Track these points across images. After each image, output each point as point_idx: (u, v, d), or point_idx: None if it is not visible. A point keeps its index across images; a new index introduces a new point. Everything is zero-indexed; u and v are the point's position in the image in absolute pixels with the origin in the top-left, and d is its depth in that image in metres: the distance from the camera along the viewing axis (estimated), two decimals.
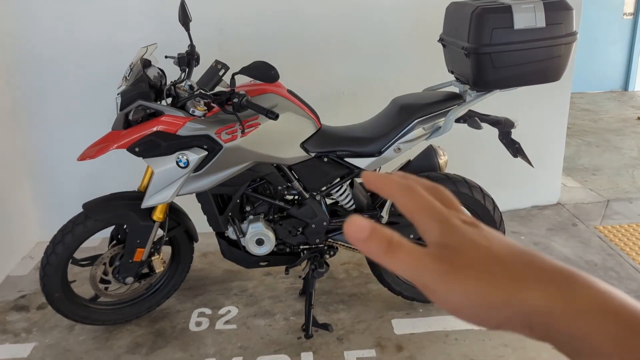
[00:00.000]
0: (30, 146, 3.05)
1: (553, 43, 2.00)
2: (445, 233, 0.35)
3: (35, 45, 2.88)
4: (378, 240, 0.35)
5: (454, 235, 0.35)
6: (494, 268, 0.33)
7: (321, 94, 2.94)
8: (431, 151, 2.36)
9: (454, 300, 0.33)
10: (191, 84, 2.05)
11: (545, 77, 2.09)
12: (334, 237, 2.33)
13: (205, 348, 2.27)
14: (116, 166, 2.93)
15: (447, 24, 2.29)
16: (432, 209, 0.37)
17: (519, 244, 0.35)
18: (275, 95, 2.11)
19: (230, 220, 2.25)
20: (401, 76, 3.13)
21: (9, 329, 2.42)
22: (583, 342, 0.31)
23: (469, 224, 0.36)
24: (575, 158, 4.56)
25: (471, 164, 3.20)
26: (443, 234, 0.35)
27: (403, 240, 0.35)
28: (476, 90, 2.16)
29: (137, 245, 2.20)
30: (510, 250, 0.34)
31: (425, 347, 2.24)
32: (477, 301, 0.32)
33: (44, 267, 2.17)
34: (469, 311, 0.33)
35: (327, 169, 2.23)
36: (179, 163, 2.01)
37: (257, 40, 2.98)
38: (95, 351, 2.26)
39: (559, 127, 3.45)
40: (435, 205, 0.37)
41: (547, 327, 0.31)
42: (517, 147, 2.26)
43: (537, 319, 0.31)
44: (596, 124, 5.62)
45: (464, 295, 0.33)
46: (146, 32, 2.86)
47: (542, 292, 0.32)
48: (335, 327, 2.36)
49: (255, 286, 2.72)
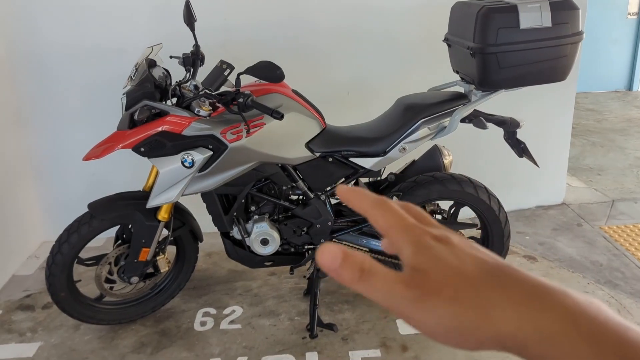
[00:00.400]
0: (35, 146, 3.05)
1: (559, 43, 2.00)
2: (417, 254, 0.35)
3: (40, 45, 2.88)
4: (350, 268, 0.34)
5: (425, 256, 0.35)
6: (464, 292, 0.33)
7: (326, 93, 2.93)
8: (436, 151, 2.35)
9: (428, 326, 0.33)
10: (196, 84, 2.05)
11: (551, 77, 2.09)
12: (339, 237, 2.33)
13: (210, 348, 2.27)
14: (121, 166, 2.94)
15: (452, 23, 2.29)
16: (404, 226, 0.37)
17: (492, 259, 0.35)
18: (281, 95, 2.11)
19: (235, 220, 2.25)
20: (406, 76, 3.12)
21: (15, 328, 2.43)
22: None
23: (441, 241, 0.36)
24: (580, 158, 4.55)
25: (476, 164, 3.19)
26: (415, 255, 0.35)
27: (375, 265, 0.35)
28: (481, 90, 2.16)
29: (142, 244, 2.20)
30: (481, 268, 0.34)
31: (431, 347, 2.24)
32: (449, 327, 0.32)
33: (49, 267, 2.17)
34: (444, 336, 0.33)
35: (332, 169, 2.23)
36: (184, 163, 2.01)
37: (262, 40, 2.98)
38: (101, 350, 2.26)
39: (564, 127, 3.44)
40: (408, 221, 0.37)
41: (520, 349, 0.31)
42: (522, 147, 2.26)
43: (510, 342, 0.31)
44: (600, 124, 5.61)
45: (436, 321, 0.33)
46: (151, 32, 2.86)
47: (512, 315, 0.31)
48: (340, 327, 2.36)
49: (260, 286, 2.72)
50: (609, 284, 2.69)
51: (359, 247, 2.34)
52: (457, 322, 0.32)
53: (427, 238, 0.36)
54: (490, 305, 0.32)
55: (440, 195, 2.27)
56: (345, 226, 2.33)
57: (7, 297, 2.67)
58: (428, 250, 0.35)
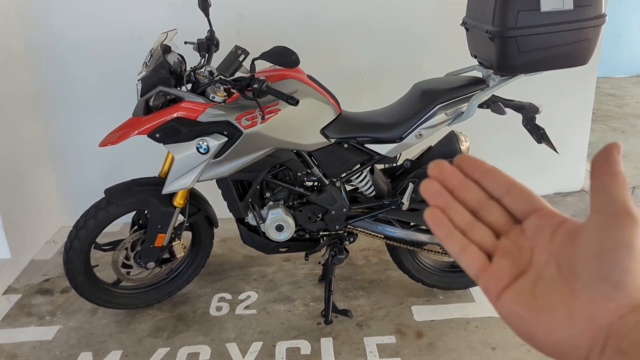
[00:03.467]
0: (52, 132, 3.08)
1: (581, 26, 1.94)
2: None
3: (56, 32, 2.89)
4: None
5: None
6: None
7: (341, 79, 2.90)
8: (453, 137, 2.32)
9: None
10: (211, 70, 2.04)
11: (572, 61, 2.03)
12: (354, 223, 2.32)
13: (226, 333, 2.29)
14: (137, 152, 2.95)
15: (470, 6, 2.24)
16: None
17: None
18: (296, 80, 2.10)
19: (250, 207, 2.25)
20: (423, 61, 3.08)
21: (34, 312, 2.47)
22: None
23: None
24: (600, 144, 4.45)
25: (494, 150, 3.15)
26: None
27: None
28: (500, 74, 2.12)
29: (158, 230, 2.21)
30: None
31: (446, 334, 2.23)
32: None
33: (67, 252, 2.20)
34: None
35: (347, 155, 2.21)
36: (199, 149, 2.01)
37: (276, 25, 2.96)
38: (118, 334, 2.29)
39: (584, 112, 3.38)
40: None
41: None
42: (541, 133, 2.22)
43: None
44: (621, 109, 5.50)
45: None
46: (166, 18, 2.85)
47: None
48: (354, 313, 2.36)
49: (275, 272, 2.73)
50: None
51: (374, 233, 2.33)
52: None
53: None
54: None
55: None
56: (361, 213, 2.32)
57: (26, 282, 2.72)
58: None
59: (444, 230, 0.42)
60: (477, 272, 0.41)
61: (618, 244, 0.35)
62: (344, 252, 2.32)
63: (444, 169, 0.43)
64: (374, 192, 2.31)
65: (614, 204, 0.36)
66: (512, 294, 0.39)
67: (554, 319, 0.36)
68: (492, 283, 0.40)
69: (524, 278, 0.39)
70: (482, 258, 0.41)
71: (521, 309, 0.38)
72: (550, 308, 0.37)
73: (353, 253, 2.80)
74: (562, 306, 0.36)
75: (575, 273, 0.37)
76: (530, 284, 0.39)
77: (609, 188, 0.36)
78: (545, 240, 0.40)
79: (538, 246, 0.40)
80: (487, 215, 0.43)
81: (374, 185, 2.30)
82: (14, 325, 2.38)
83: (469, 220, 0.43)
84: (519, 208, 0.42)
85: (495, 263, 0.41)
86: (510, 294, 0.39)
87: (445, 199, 0.43)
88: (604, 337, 0.34)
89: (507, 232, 0.42)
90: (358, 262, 2.80)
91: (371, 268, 2.74)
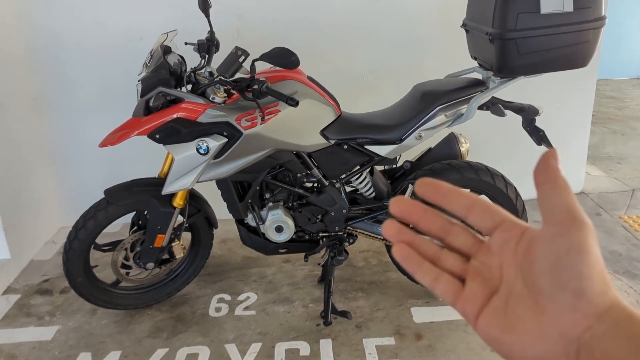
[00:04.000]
0: (52, 133, 3.08)
1: (581, 28, 1.94)
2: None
3: (56, 32, 2.90)
4: None
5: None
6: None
7: (341, 80, 2.91)
8: (453, 139, 2.32)
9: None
10: (211, 71, 2.04)
11: (572, 63, 2.04)
12: (354, 224, 2.32)
13: (225, 333, 2.29)
14: (137, 153, 2.95)
15: (470, 8, 2.24)
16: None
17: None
18: (296, 82, 2.10)
19: (249, 207, 2.25)
20: (423, 62, 3.08)
21: (33, 312, 2.47)
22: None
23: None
24: (600, 146, 4.47)
25: (494, 152, 3.15)
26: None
27: None
28: (500, 76, 2.12)
29: (158, 231, 2.21)
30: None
31: (445, 336, 2.23)
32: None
33: (66, 252, 2.20)
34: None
35: (347, 157, 2.21)
36: (199, 150, 2.01)
37: (276, 26, 2.96)
38: (117, 335, 2.29)
39: (584, 114, 3.38)
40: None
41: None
42: (541, 135, 2.22)
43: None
44: (621, 112, 5.50)
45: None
46: (166, 19, 2.86)
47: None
48: (354, 315, 2.36)
49: (274, 273, 2.73)
50: (627, 274, 2.64)
51: (373, 235, 2.33)
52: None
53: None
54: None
55: (456, 184, 2.23)
56: (360, 214, 2.32)
57: (26, 282, 2.72)
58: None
59: (413, 264, 0.42)
60: (452, 299, 0.41)
61: (569, 251, 0.35)
62: (343, 254, 2.32)
63: (404, 204, 0.42)
64: (373, 194, 2.31)
65: (558, 211, 0.36)
66: (487, 316, 0.39)
67: (526, 336, 0.36)
68: (467, 307, 0.40)
69: (496, 297, 0.39)
70: (455, 284, 0.41)
71: (496, 330, 0.38)
72: (522, 326, 0.37)
73: (352, 254, 2.80)
74: (532, 322, 0.36)
75: (538, 286, 0.36)
76: (503, 303, 0.38)
77: (551, 196, 0.37)
78: (511, 254, 0.39)
79: (505, 261, 0.39)
80: (453, 240, 0.42)
81: (374, 186, 2.30)
82: (13, 326, 2.37)
83: (437, 250, 0.42)
84: (483, 225, 0.41)
85: (467, 287, 0.40)
86: (486, 315, 0.39)
87: (408, 235, 0.42)
88: (575, 349, 0.34)
89: (476, 253, 0.41)
90: (357, 263, 2.79)
91: (371, 269, 2.74)
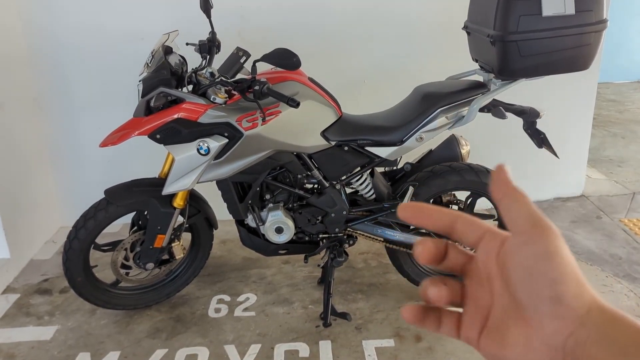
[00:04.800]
0: (53, 133, 3.08)
1: (582, 31, 1.94)
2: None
3: (58, 33, 2.90)
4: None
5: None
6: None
7: (342, 82, 2.91)
8: (453, 141, 2.32)
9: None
10: (212, 71, 2.04)
11: (573, 66, 2.04)
12: (354, 226, 2.32)
13: (224, 334, 2.29)
14: (137, 153, 2.95)
15: (472, 10, 2.24)
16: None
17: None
18: (297, 83, 2.10)
19: (250, 208, 2.25)
20: (424, 64, 3.08)
21: (33, 311, 2.46)
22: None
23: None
24: (601, 149, 4.47)
25: (494, 154, 3.15)
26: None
27: None
28: (501, 79, 2.12)
29: (158, 231, 2.21)
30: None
31: (445, 338, 2.23)
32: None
33: (66, 252, 2.20)
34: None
35: (347, 158, 2.21)
36: (200, 150, 2.01)
37: (278, 27, 2.96)
38: (117, 335, 2.29)
39: (585, 117, 3.38)
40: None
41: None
42: (542, 138, 2.22)
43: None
44: (622, 115, 5.50)
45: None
46: (167, 19, 2.86)
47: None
48: (353, 317, 2.36)
49: (274, 274, 2.73)
50: (627, 277, 2.64)
51: (374, 236, 2.33)
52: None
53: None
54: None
55: (457, 186, 2.24)
56: (360, 215, 2.31)
57: (25, 281, 2.71)
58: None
59: (419, 321, 0.41)
60: (456, 334, 0.41)
61: (537, 259, 0.35)
62: (343, 255, 2.32)
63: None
64: (374, 195, 2.31)
65: (520, 221, 0.36)
66: (487, 336, 0.38)
67: (517, 350, 0.36)
68: (470, 334, 0.40)
69: (492, 315, 0.39)
70: (454, 319, 0.41)
71: (495, 348, 0.38)
72: (512, 339, 0.37)
73: (352, 256, 2.80)
74: (520, 335, 0.36)
75: (518, 298, 0.36)
76: (498, 320, 0.38)
77: (511, 208, 0.37)
78: (494, 266, 0.39)
79: (491, 274, 0.39)
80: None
81: (374, 188, 2.30)
82: (13, 325, 2.37)
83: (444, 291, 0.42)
84: (468, 240, 0.40)
85: (464, 315, 0.40)
86: (486, 336, 0.39)
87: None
88: (561, 358, 0.34)
89: (467, 272, 0.41)
90: (357, 265, 2.79)
91: (370, 271, 2.73)
